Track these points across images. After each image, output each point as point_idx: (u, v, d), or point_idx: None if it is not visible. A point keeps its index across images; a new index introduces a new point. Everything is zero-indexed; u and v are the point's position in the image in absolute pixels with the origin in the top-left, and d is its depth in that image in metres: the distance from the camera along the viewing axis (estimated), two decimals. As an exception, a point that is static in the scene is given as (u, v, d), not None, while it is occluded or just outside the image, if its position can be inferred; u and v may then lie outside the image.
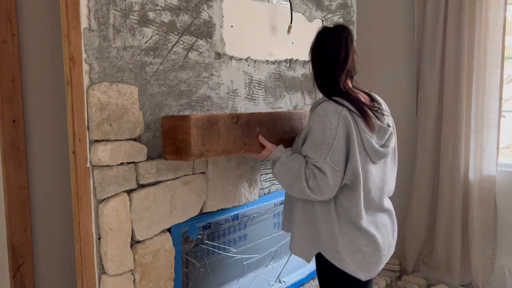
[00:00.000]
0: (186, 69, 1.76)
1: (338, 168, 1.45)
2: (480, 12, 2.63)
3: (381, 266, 1.61)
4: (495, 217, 2.72)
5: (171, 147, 1.53)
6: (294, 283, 2.45)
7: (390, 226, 1.65)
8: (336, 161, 1.45)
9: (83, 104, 1.43)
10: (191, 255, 1.86)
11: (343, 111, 1.47)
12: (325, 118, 1.47)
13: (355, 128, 1.47)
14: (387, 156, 1.58)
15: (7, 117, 1.87)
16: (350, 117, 1.47)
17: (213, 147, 1.54)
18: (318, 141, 1.47)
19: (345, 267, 1.53)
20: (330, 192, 1.47)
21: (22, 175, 1.93)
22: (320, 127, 1.47)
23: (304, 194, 1.48)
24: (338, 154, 1.45)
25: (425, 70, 2.83)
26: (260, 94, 2.13)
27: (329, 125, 1.46)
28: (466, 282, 2.82)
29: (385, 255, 1.60)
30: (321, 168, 1.45)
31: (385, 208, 1.64)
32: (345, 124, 1.46)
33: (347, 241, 1.53)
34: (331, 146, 1.45)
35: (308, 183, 1.47)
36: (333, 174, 1.45)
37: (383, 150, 1.54)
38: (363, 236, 1.53)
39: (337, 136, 1.45)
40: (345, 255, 1.52)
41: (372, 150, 1.50)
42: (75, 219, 1.51)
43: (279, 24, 2.21)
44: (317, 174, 1.45)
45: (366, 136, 1.49)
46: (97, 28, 1.45)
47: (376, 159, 1.54)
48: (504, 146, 2.98)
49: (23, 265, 1.95)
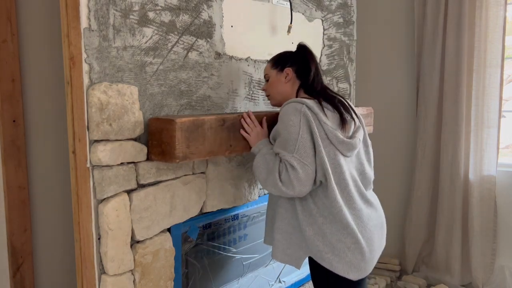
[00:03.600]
0: (186, 69, 1.76)
1: (306, 162, 1.50)
2: (480, 12, 2.64)
3: (373, 263, 1.60)
4: (495, 217, 2.73)
5: (157, 148, 1.56)
6: (294, 283, 2.45)
7: (377, 220, 1.63)
8: (303, 155, 1.50)
9: (83, 104, 1.43)
10: (191, 255, 1.86)
11: (302, 108, 1.54)
12: (287, 117, 1.55)
13: (316, 122, 1.53)
14: (356, 147, 1.60)
15: (7, 117, 1.86)
16: (309, 112, 1.53)
17: (198, 149, 1.56)
18: (284, 138, 1.54)
19: (335, 269, 1.52)
20: (301, 187, 1.50)
21: (22, 175, 1.93)
22: (283, 126, 1.55)
23: (276, 187, 1.51)
24: (304, 148, 1.50)
25: (425, 70, 2.83)
26: (260, 94, 2.13)
27: (292, 123, 1.53)
28: (466, 282, 2.83)
29: (375, 250, 1.58)
30: (291, 162, 1.49)
31: (369, 202, 1.63)
32: (306, 120, 1.52)
33: (335, 241, 1.52)
34: (296, 141, 1.51)
35: (281, 176, 1.51)
36: (303, 168, 1.49)
37: (350, 141, 1.57)
38: (350, 233, 1.52)
39: (300, 131, 1.51)
40: (334, 256, 1.52)
41: (338, 141, 1.54)
42: (75, 219, 1.51)
43: (279, 24, 2.21)
44: (288, 168, 1.50)
45: (329, 128, 1.54)
46: (97, 28, 1.45)
47: (345, 150, 1.56)
48: (504, 146, 2.99)
49: (23, 265, 1.95)
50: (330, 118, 1.57)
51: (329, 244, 1.53)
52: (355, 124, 1.65)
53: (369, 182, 1.69)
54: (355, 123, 1.65)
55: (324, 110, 1.57)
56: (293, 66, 1.74)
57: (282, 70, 1.74)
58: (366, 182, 1.68)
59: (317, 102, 1.59)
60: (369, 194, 1.66)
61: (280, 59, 1.78)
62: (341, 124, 1.59)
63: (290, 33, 2.24)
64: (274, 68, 1.77)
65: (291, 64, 1.74)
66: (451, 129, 2.74)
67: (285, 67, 1.74)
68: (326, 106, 1.60)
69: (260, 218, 2.20)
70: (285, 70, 1.73)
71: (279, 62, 1.77)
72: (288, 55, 1.79)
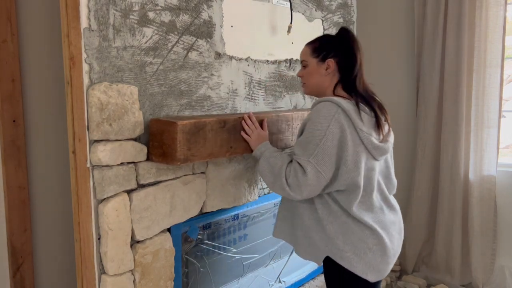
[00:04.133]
0: (186, 69, 1.76)
1: (321, 169, 1.42)
2: (480, 12, 2.63)
3: (391, 266, 1.56)
4: (495, 217, 2.72)
5: (158, 150, 1.55)
6: (294, 283, 2.45)
7: (397, 225, 1.61)
8: (320, 162, 1.42)
9: (83, 104, 1.43)
10: (191, 255, 1.86)
11: (337, 112, 1.44)
12: (316, 119, 1.45)
13: (351, 129, 1.44)
14: (388, 151, 1.55)
15: (7, 117, 1.86)
16: (344, 118, 1.44)
17: (199, 151, 1.56)
18: (306, 139, 1.47)
19: (354, 268, 1.47)
20: (309, 192, 1.45)
21: (22, 175, 1.92)
22: (311, 127, 1.47)
23: (284, 191, 1.48)
24: (323, 155, 1.42)
25: (425, 70, 2.83)
26: (260, 94, 2.13)
27: (319, 126, 1.44)
28: (466, 282, 2.82)
29: (394, 254, 1.55)
30: (304, 166, 1.43)
31: (392, 206, 1.60)
32: (337, 127, 1.43)
33: (357, 240, 1.48)
34: (317, 146, 1.43)
35: (288, 180, 1.45)
36: (315, 175, 1.42)
37: (383, 145, 1.52)
38: (373, 234, 1.49)
39: (324, 138, 1.42)
40: (354, 255, 1.48)
41: (372, 147, 1.48)
42: (75, 219, 1.51)
43: (279, 24, 2.21)
44: (298, 171, 1.44)
45: (364, 134, 1.46)
46: (97, 28, 1.45)
47: (378, 155, 1.51)
48: (504, 146, 2.98)
49: (23, 265, 1.95)
50: (366, 123, 1.48)
51: (350, 243, 1.48)
52: (388, 127, 1.58)
53: (394, 186, 1.66)
54: (388, 127, 1.59)
55: (361, 114, 1.47)
56: (336, 57, 1.57)
57: (323, 60, 1.58)
58: (391, 187, 1.64)
59: (354, 104, 1.48)
60: (391, 199, 1.62)
61: (323, 46, 1.60)
62: (377, 128, 1.50)
63: (290, 33, 2.24)
64: (314, 56, 1.59)
65: (334, 55, 1.57)
66: (451, 129, 2.74)
67: (328, 57, 1.57)
68: (363, 109, 1.49)
69: (260, 218, 2.20)
70: (327, 61, 1.57)
71: (321, 49, 1.59)
72: (332, 42, 1.60)
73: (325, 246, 1.53)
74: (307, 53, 1.62)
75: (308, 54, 1.62)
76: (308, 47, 1.64)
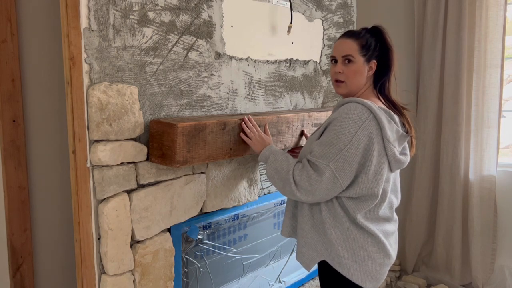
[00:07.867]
0: (186, 69, 1.76)
1: (339, 176, 1.36)
2: (480, 12, 2.63)
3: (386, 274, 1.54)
4: (495, 217, 2.73)
5: (157, 151, 1.55)
6: (294, 283, 2.45)
7: (395, 235, 1.59)
8: (339, 168, 1.35)
9: (83, 104, 1.43)
10: (191, 255, 1.86)
11: (368, 118, 1.36)
12: (344, 122, 1.36)
13: (378, 137, 1.37)
14: (405, 165, 1.49)
15: (7, 117, 1.86)
16: (375, 125, 1.36)
17: (198, 153, 1.56)
18: (328, 141, 1.38)
19: (352, 276, 1.44)
20: (320, 197, 1.40)
21: (22, 175, 1.92)
22: (337, 129, 1.37)
23: (295, 196, 1.42)
24: (344, 162, 1.35)
25: (425, 70, 2.83)
26: (260, 94, 2.13)
27: (346, 131, 1.35)
28: (466, 282, 2.83)
29: (391, 262, 1.54)
30: (321, 169, 1.37)
31: (394, 218, 1.58)
32: (366, 134, 1.35)
33: (358, 248, 1.44)
34: (340, 152, 1.35)
35: (298, 184, 1.40)
36: (331, 180, 1.36)
37: (403, 158, 1.46)
38: (375, 242, 1.45)
39: (349, 144, 1.34)
40: (353, 262, 1.44)
41: (394, 159, 1.42)
42: (75, 219, 1.51)
43: (279, 24, 2.21)
44: (312, 174, 1.38)
45: (390, 145, 1.39)
46: (97, 28, 1.45)
47: (395, 168, 1.46)
48: (504, 146, 2.98)
49: (23, 265, 1.95)
50: (394, 133, 1.41)
51: (350, 250, 1.44)
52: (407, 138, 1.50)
53: (399, 200, 1.62)
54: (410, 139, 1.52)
55: (391, 124, 1.40)
56: (377, 58, 1.49)
57: (369, 60, 1.48)
58: (396, 201, 1.61)
59: (386, 112, 1.41)
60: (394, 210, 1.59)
61: (369, 44, 1.48)
62: (400, 140, 1.45)
63: (290, 33, 2.24)
64: (362, 53, 1.47)
65: (377, 57, 1.49)
66: (451, 129, 2.74)
67: (372, 58, 1.48)
68: (392, 117, 1.42)
69: (260, 218, 2.19)
70: (372, 61, 1.48)
71: (368, 49, 1.48)
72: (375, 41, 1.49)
73: (325, 250, 1.48)
74: (354, 48, 1.47)
75: (357, 51, 1.47)
76: (354, 41, 1.48)
